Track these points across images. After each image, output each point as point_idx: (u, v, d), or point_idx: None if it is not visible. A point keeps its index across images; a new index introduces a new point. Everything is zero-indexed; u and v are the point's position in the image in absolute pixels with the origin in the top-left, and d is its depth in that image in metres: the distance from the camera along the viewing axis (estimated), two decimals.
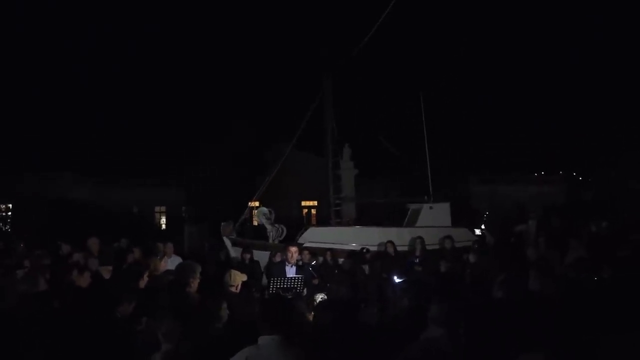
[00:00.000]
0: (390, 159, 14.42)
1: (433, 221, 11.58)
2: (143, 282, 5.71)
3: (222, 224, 10.40)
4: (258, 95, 30.93)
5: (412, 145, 13.76)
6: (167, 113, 35.81)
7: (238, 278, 5.34)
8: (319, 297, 4.56)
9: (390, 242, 9.71)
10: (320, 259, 8.82)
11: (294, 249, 7.03)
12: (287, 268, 6.81)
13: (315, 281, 7.11)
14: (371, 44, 12.40)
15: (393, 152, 13.62)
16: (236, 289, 5.27)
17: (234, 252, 9.75)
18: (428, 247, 9.92)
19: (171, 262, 6.92)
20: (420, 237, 9.94)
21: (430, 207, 11.93)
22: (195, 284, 5.22)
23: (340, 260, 8.93)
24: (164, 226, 28.10)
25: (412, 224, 11.93)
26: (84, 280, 5.54)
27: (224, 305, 4.13)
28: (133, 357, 3.64)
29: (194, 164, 27.76)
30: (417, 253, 9.49)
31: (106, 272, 6.32)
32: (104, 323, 4.14)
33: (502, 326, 3.84)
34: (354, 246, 10.15)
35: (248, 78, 33.09)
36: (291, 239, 10.46)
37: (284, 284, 6.27)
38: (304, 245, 9.66)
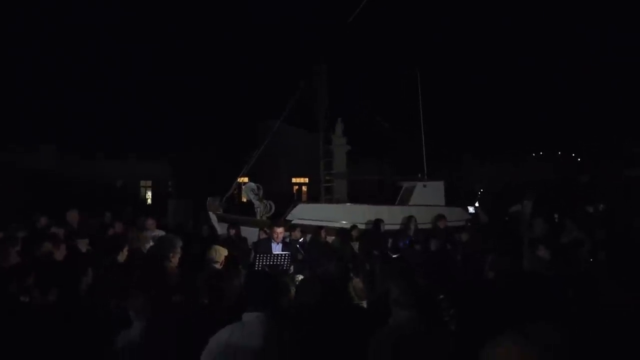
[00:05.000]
0: (385, 136, 14.11)
1: (426, 200, 11.38)
2: (123, 255, 5.49)
3: (209, 199, 10.12)
4: (250, 71, 30.39)
5: (407, 123, 13.47)
6: (156, 88, 35.17)
7: (222, 253, 5.14)
8: (299, 277, 4.40)
9: (381, 219, 9.52)
10: (309, 236, 8.58)
11: (279, 229, 6.78)
12: (273, 245, 6.61)
13: (300, 256, 6.92)
14: (367, 19, 11.95)
15: (387, 130, 13.32)
16: (220, 265, 5.07)
17: (220, 228, 9.51)
18: (420, 226, 9.76)
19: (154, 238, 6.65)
20: (412, 217, 9.79)
21: (424, 186, 11.70)
22: (175, 258, 5.03)
23: (330, 238, 8.70)
24: (149, 201, 27.65)
25: (404, 202, 11.72)
26: (60, 254, 5.33)
27: (204, 280, 3.94)
28: (104, 334, 3.41)
29: (182, 138, 27.17)
30: (410, 232, 9.30)
31: (84, 246, 6.06)
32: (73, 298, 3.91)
33: (492, 304, 3.70)
34: (344, 224, 9.94)
35: (240, 53, 32.46)
36: (280, 215, 10.20)
37: (270, 261, 6.07)
38: (293, 222, 9.42)
